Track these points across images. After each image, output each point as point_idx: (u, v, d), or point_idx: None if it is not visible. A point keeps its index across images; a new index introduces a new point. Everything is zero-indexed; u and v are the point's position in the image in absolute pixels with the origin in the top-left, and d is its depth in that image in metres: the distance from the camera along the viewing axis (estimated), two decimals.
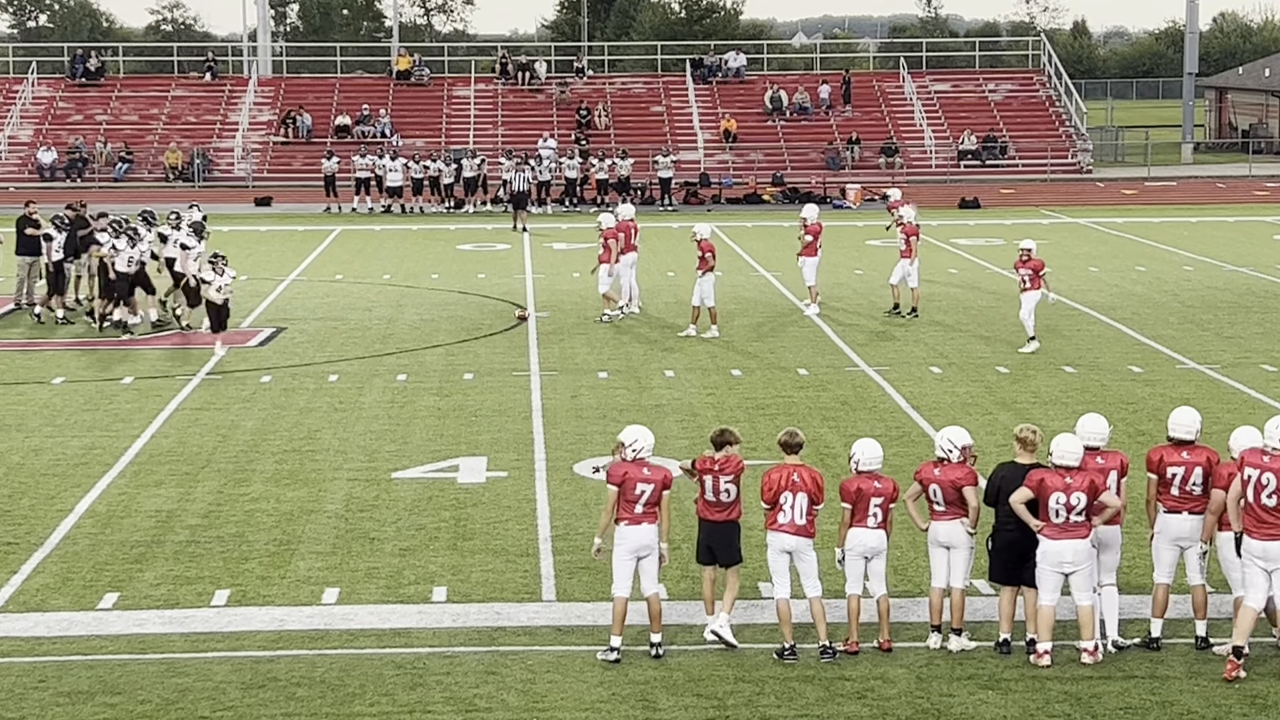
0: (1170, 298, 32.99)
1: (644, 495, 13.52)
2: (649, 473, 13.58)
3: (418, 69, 69.43)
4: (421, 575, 15.66)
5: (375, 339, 28.57)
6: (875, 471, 13.72)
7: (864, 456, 13.75)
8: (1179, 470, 13.63)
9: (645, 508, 13.54)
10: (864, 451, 13.79)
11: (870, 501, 13.61)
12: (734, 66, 69.28)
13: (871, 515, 13.64)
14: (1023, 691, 12.74)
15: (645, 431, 13.81)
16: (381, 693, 12.76)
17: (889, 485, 13.70)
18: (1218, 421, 21.32)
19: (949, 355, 26.78)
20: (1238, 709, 12.41)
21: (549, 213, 51.75)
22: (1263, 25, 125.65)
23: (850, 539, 13.70)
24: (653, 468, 13.65)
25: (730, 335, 28.62)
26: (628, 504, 13.55)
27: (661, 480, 13.60)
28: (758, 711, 12.40)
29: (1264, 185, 60.46)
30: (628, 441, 13.68)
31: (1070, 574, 13.23)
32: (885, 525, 13.71)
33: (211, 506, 18.10)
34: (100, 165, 61.57)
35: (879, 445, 13.97)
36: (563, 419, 22.27)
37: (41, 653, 13.73)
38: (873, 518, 13.64)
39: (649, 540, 13.57)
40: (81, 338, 29.14)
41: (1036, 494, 13.23)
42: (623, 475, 13.58)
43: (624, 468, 13.63)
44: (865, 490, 13.62)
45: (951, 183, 60.92)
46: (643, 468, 13.61)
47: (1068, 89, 67.45)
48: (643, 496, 13.52)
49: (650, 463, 13.67)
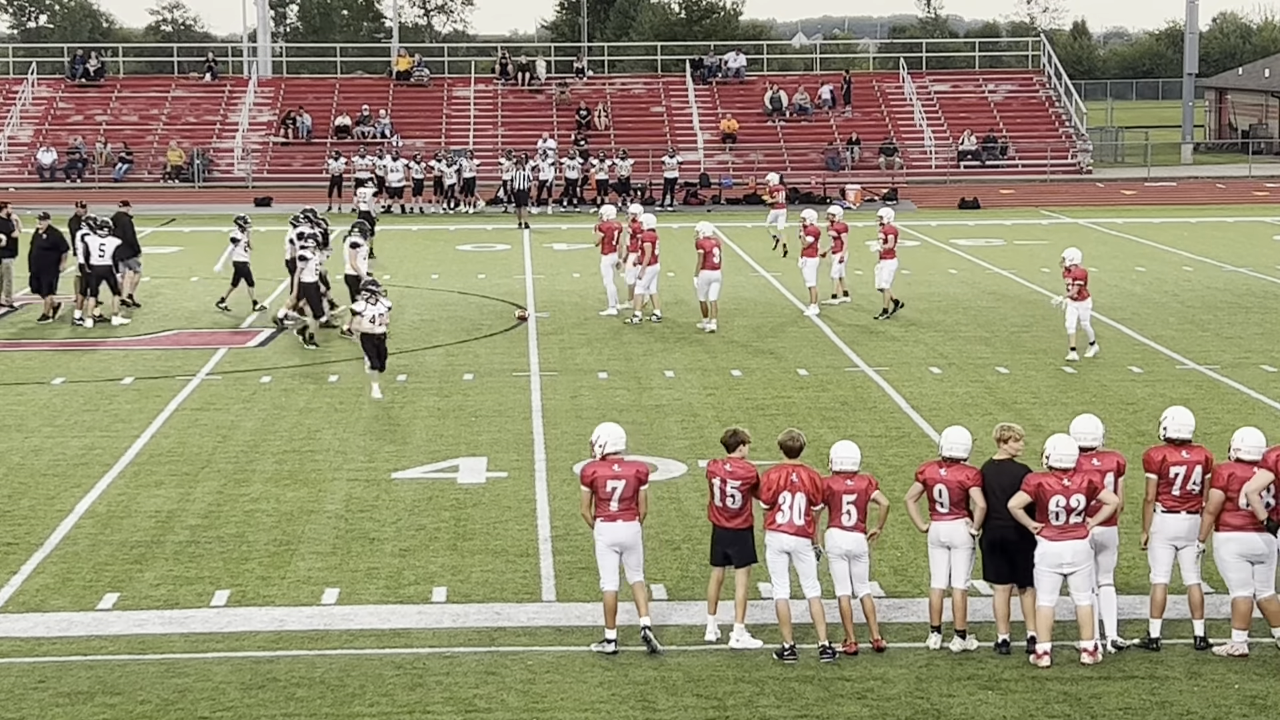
0: (1170, 298, 33.00)
1: (616, 492, 13.59)
2: (619, 469, 13.65)
3: (418, 69, 69.44)
4: (421, 575, 15.66)
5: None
6: (849, 471, 13.73)
7: (836, 456, 13.81)
8: (1180, 470, 13.64)
9: (620, 504, 13.61)
10: (837, 452, 13.86)
11: (843, 500, 13.63)
12: (734, 67, 69.30)
13: (845, 514, 13.65)
14: (1022, 692, 12.74)
15: (613, 428, 13.89)
16: (381, 693, 12.76)
17: (862, 483, 13.69)
18: (1217, 422, 21.34)
19: (949, 355, 26.78)
20: (1237, 709, 12.41)
21: (550, 212, 51.81)
22: (1262, 25, 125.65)
23: (827, 540, 13.73)
24: (624, 464, 13.70)
25: (730, 335, 28.63)
26: (602, 502, 13.65)
27: (634, 475, 13.65)
28: (757, 711, 12.41)
29: (1264, 186, 60.48)
30: (596, 440, 13.81)
31: (1069, 574, 13.24)
32: (861, 526, 13.69)
33: (211, 507, 18.10)
34: (100, 166, 61.58)
35: (855, 446, 13.97)
36: (563, 419, 22.27)
37: (41, 653, 13.73)
38: (846, 516, 13.64)
39: (625, 536, 13.62)
40: (82, 338, 29.14)
41: (1035, 498, 13.23)
42: (592, 475, 13.70)
43: (593, 467, 13.76)
44: (837, 489, 13.64)
45: (951, 183, 60.94)
46: (612, 465, 13.68)
47: (1067, 89, 67.47)
48: (615, 493, 13.59)
49: (622, 459, 13.71)
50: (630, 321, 29.83)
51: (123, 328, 29.75)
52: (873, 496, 13.72)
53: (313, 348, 27.31)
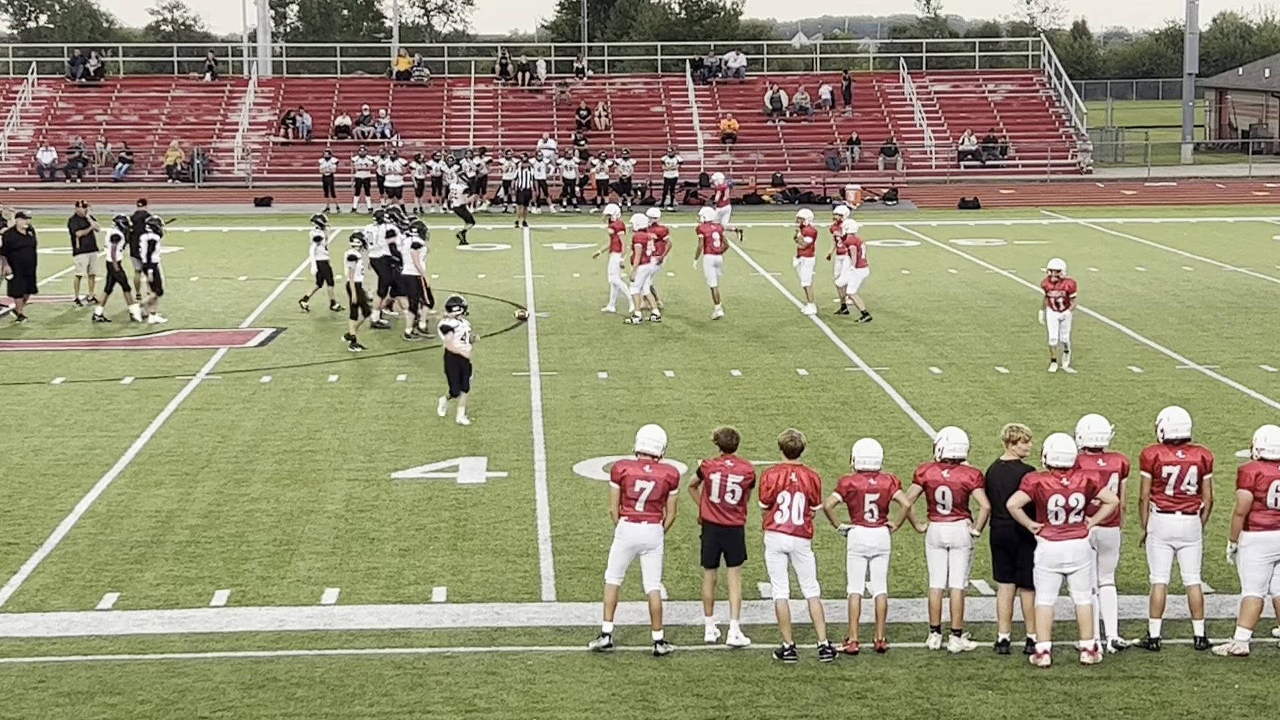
0: (1170, 298, 32.99)
1: (644, 493, 13.57)
2: (651, 471, 13.64)
3: (418, 69, 69.40)
4: (421, 575, 15.66)
5: (375, 339, 28.53)
6: (872, 470, 13.74)
7: (860, 455, 13.84)
8: (1174, 470, 13.63)
9: (646, 506, 13.59)
10: (860, 451, 13.88)
11: (865, 499, 13.65)
12: (734, 67, 69.27)
13: (868, 512, 13.67)
14: (1022, 691, 12.74)
15: (654, 431, 13.93)
16: (381, 693, 12.76)
17: (885, 482, 13.71)
18: (1218, 422, 21.34)
19: (949, 355, 26.78)
20: (1238, 709, 12.41)
21: (551, 212, 51.82)
22: (1263, 25, 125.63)
23: (850, 538, 13.74)
24: (656, 466, 13.68)
25: (730, 335, 28.63)
26: (628, 501, 13.64)
27: (664, 479, 13.63)
28: (757, 711, 12.40)
29: (1264, 185, 60.46)
30: (637, 439, 13.85)
31: (1069, 574, 13.24)
32: (884, 522, 13.72)
33: (211, 506, 18.10)
34: (100, 165, 61.57)
35: (878, 445, 14.01)
36: (563, 419, 22.27)
37: (41, 653, 13.73)
38: (869, 514, 13.67)
39: (647, 538, 13.60)
40: (82, 338, 29.14)
41: (1034, 497, 13.24)
42: (622, 473, 13.70)
43: (624, 465, 13.77)
44: (859, 488, 13.66)
45: (951, 183, 60.92)
46: (644, 465, 13.67)
47: (1068, 89, 67.45)
48: (643, 495, 13.57)
49: (655, 461, 13.70)
50: (630, 322, 29.84)
51: (142, 326, 29.77)
52: (894, 496, 13.75)
53: (360, 350, 27.26)
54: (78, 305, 32.09)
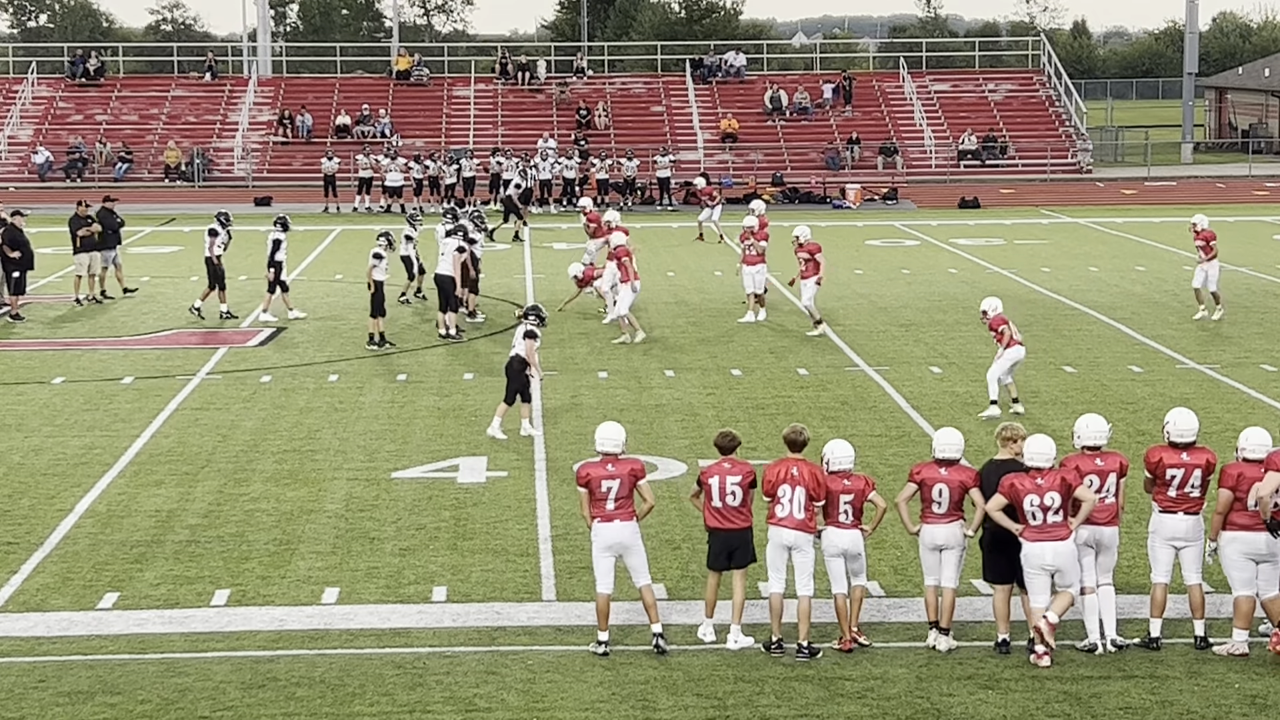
0: (1170, 298, 32.99)
1: (611, 491, 13.59)
2: (614, 469, 13.65)
3: (417, 69, 69.40)
4: (421, 575, 15.66)
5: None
6: (845, 470, 13.73)
7: (833, 456, 13.81)
8: (1178, 472, 13.62)
9: (616, 504, 13.60)
10: (833, 451, 13.86)
11: (840, 499, 13.64)
12: (734, 66, 69.27)
13: (842, 513, 13.67)
14: (1022, 691, 12.74)
15: (611, 428, 13.90)
16: (381, 693, 12.76)
17: (859, 483, 13.71)
18: (1218, 421, 21.33)
19: (949, 355, 26.78)
20: (1238, 709, 12.41)
21: (552, 211, 51.82)
22: (1262, 25, 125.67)
23: (825, 539, 13.74)
24: (618, 462, 13.69)
25: (730, 335, 28.62)
26: (598, 502, 13.64)
27: (629, 473, 13.65)
28: (757, 711, 12.41)
29: (1264, 185, 60.45)
30: (596, 439, 13.85)
31: (1055, 574, 13.26)
32: (858, 524, 13.71)
33: (211, 506, 18.10)
34: (100, 165, 61.56)
35: (849, 445, 14.00)
36: (563, 419, 22.27)
37: (41, 653, 13.74)
38: (844, 515, 13.67)
39: (622, 536, 13.62)
40: (82, 338, 29.14)
41: (1010, 499, 13.25)
42: (587, 476, 13.72)
43: (588, 468, 13.79)
44: (834, 489, 13.65)
45: (951, 183, 60.92)
46: (607, 464, 13.68)
47: (1067, 89, 67.45)
48: (611, 493, 13.60)
49: (617, 458, 13.71)
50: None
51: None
52: (869, 498, 13.72)
53: (391, 347, 27.31)
54: (78, 305, 32.10)
